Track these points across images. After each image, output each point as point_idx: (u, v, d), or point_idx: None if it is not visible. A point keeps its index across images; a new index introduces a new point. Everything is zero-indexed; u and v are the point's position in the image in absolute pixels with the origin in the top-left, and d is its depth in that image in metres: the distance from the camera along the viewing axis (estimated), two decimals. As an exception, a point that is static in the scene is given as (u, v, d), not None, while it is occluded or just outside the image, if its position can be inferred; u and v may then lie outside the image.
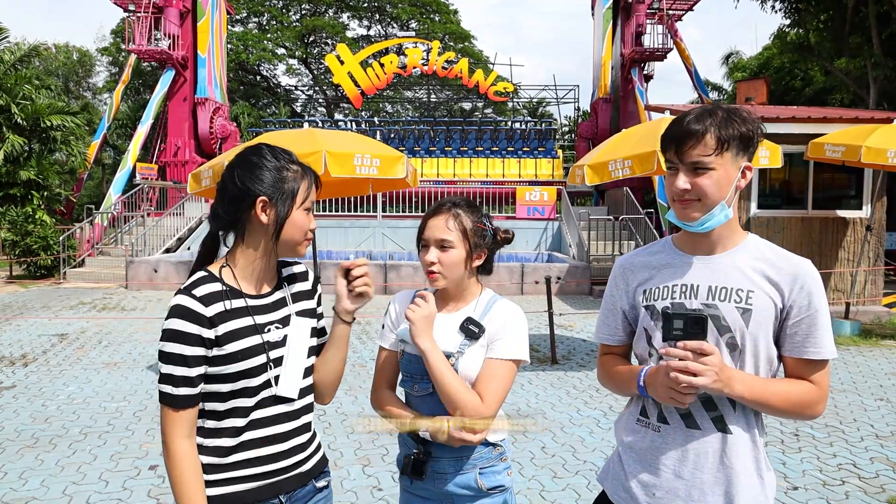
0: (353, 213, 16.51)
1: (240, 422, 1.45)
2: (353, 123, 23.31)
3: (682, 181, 1.41)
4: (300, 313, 1.56)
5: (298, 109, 31.82)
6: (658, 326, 1.48)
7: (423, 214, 1.76)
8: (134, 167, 17.96)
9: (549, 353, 6.91)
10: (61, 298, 11.21)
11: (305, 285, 1.62)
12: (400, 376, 1.74)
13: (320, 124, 22.04)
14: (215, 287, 1.45)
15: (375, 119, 26.10)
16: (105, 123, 19.53)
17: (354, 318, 1.58)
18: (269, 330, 1.49)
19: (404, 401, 1.75)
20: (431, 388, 1.63)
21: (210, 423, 1.46)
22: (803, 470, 3.96)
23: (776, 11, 17.20)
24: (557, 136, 25.10)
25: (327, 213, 16.43)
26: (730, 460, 1.41)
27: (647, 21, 19.19)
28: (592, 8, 21.27)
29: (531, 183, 18.48)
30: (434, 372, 1.58)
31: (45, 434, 4.51)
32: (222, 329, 1.42)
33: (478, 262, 1.71)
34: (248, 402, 1.46)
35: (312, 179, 1.53)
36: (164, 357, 1.40)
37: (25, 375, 6.06)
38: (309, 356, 1.56)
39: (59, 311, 9.82)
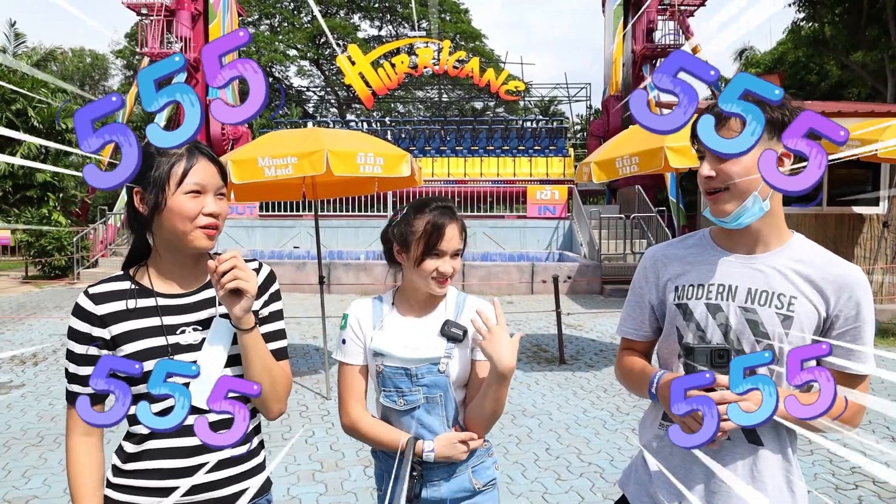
0: (363, 213, 16.52)
1: (143, 429, 1.36)
2: (365, 124, 23.35)
3: (707, 168, 1.29)
4: (227, 315, 1.38)
5: (310, 110, 31.94)
6: (690, 328, 1.39)
7: None
8: (147, 169, 18.13)
9: (556, 353, 6.83)
10: (74, 299, 11.28)
11: None
12: (380, 392, 1.65)
13: (332, 125, 22.11)
14: (119, 286, 1.38)
15: (386, 119, 26.13)
16: (119, 126, 19.73)
17: (255, 325, 1.35)
18: (182, 332, 1.37)
19: (380, 416, 1.68)
20: (419, 401, 1.59)
21: (129, 427, 1.40)
22: (815, 473, 3.86)
23: (789, 5, 16.93)
24: (569, 135, 24.95)
25: (337, 212, 16.46)
26: (760, 474, 1.33)
27: (659, 17, 19.01)
28: (603, 5, 21.11)
29: (542, 182, 18.37)
30: (503, 394, 1.56)
31: (50, 433, 4.53)
32: (117, 329, 1.34)
33: None
34: (152, 407, 1.34)
35: (196, 157, 1.35)
36: (66, 353, 1.39)
37: (35, 374, 6.11)
38: (236, 364, 1.40)
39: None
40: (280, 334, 1.51)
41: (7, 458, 4.07)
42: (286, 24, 32.54)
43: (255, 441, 1.49)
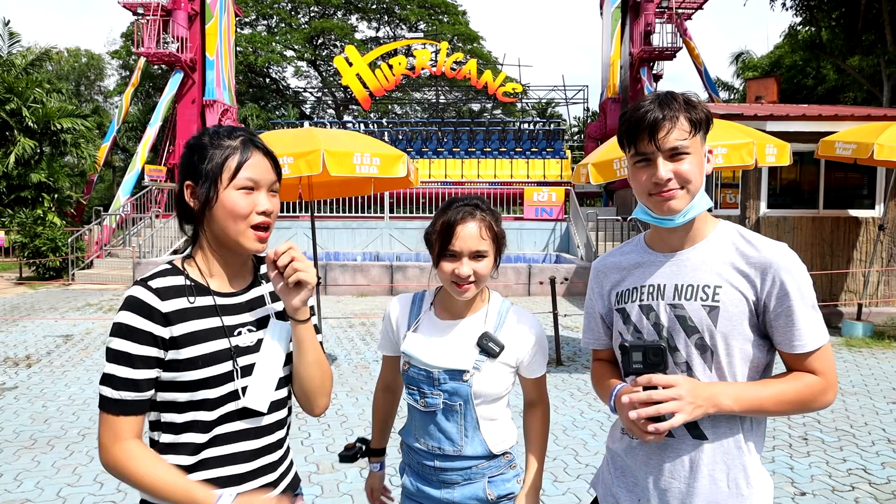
0: (360, 215, 16.50)
1: (199, 437, 1.26)
2: (362, 125, 23.35)
3: (666, 169, 1.30)
4: (281, 315, 1.35)
5: (307, 111, 31.91)
6: (629, 331, 1.43)
7: (431, 216, 1.68)
8: (142, 169, 18.07)
9: (553, 354, 6.82)
10: (68, 300, 11.26)
11: None
12: (405, 388, 1.67)
13: (329, 126, 22.10)
14: (176, 281, 1.28)
15: (384, 120, 26.12)
16: (115, 126, 19.67)
17: (313, 313, 1.34)
18: (239, 333, 1.31)
19: (408, 410, 1.69)
20: (438, 405, 1.58)
21: (166, 438, 1.27)
22: (812, 475, 3.85)
23: (787, 9, 17.00)
24: (566, 137, 24.98)
25: (334, 214, 16.43)
26: (709, 469, 1.33)
27: (656, 20, 19.07)
28: (601, 7, 21.17)
29: (539, 183, 18.38)
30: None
31: (43, 435, 4.49)
32: (180, 329, 1.24)
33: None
34: (209, 415, 1.26)
35: (250, 151, 1.29)
36: (109, 354, 1.22)
37: (28, 376, 6.06)
38: (287, 363, 1.35)
39: (66, 313, 9.85)
40: (318, 329, 1.45)
41: (-1, 460, 4.04)
42: (283, 25, 32.49)
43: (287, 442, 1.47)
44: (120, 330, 1.21)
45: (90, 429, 4.61)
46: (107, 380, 1.22)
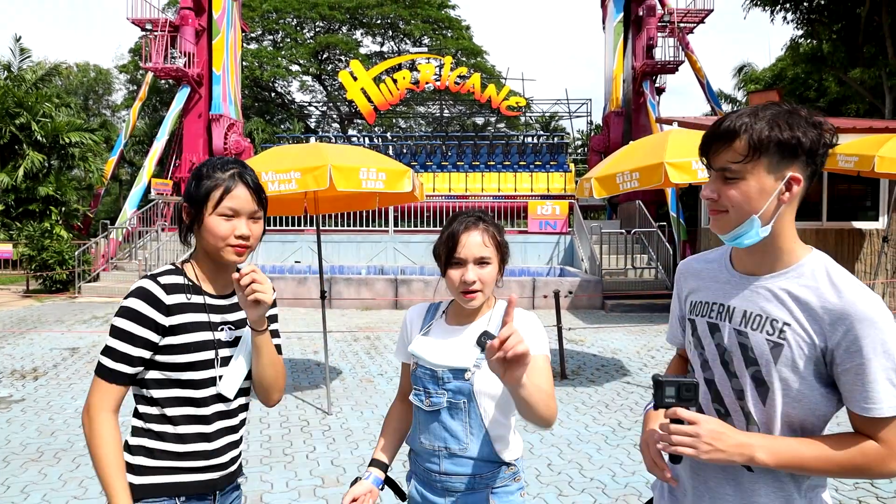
0: (365, 228, 16.54)
1: (180, 410, 1.52)
2: (366, 139, 23.49)
3: (709, 189, 1.26)
4: None
5: (312, 125, 32.13)
6: (694, 343, 1.40)
7: (435, 229, 1.72)
8: (149, 183, 18.20)
9: (558, 368, 6.81)
10: (75, 312, 11.32)
11: None
12: (412, 389, 1.71)
13: (334, 140, 22.24)
14: (179, 279, 1.56)
15: (388, 134, 26.27)
16: (122, 140, 19.85)
17: (267, 327, 1.57)
18: (221, 329, 1.58)
19: (414, 414, 1.74)
20: (442, 404, 1.62)
21: (153, 410, 1.52)
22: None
23: (787, 23, 17.10)
24: (570, 150, 25.05)
25: (339, 227, 16.50)
26: (747, 497, 1.29)
27: (658, 34, 19.17)
28: (603, 21, 21.33)
29: (543, 197, 18.42)
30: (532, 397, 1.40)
31: (50, 448, 4.52)
32: (177, 319, 1.51)
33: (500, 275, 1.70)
34: (195, 393, 1.53)
35: (235, 184, 1.53)
36: (113, 331, 1.48)
37: (35, 389, 6.10)
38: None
39: (72, 325, 9.91)
40: (277, 334, 1.72)
41: (6, 473, 4.06)
42: (289, 40, 32.82)
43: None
44: (129, 312, 1.48)
45: (97, 442, 4.63)
46: (108, 352, 1.48)
